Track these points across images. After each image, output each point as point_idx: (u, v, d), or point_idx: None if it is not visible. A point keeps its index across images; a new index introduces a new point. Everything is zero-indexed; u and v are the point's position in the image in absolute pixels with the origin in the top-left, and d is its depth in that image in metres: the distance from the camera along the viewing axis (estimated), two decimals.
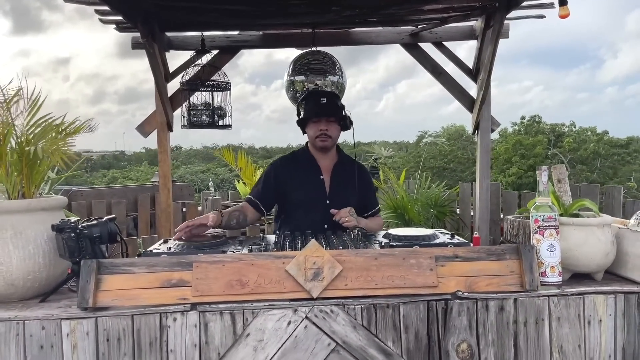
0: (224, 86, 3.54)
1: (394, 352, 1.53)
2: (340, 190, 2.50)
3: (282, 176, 2.51)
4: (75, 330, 1.46)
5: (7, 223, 1.58)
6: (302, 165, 2.54)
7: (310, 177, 2.51)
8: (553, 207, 1.64)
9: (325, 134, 2.45)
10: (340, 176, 2.54)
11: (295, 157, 2.62)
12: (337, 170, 2.55)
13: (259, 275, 1.54)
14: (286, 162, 2.60)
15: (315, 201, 2.45)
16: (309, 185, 2.50)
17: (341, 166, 2.57)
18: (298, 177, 2.51)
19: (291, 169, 2.55)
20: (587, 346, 1.58)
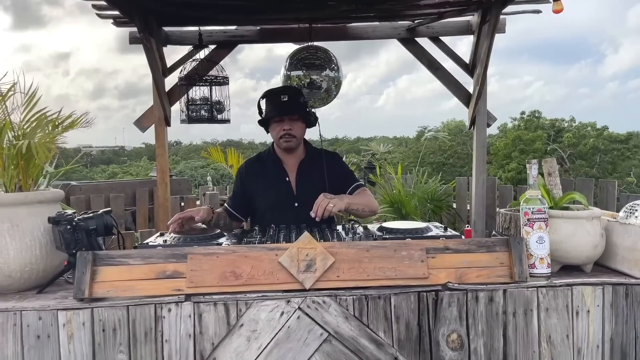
0: (222, 81, 3.56)
1: (385, 342, 1.56)
2: (309, 189, 2.37)
3: (247, 181, 2.46)
4: (72, 320, 1.49)
5: (4, 216, 1.60)
6: (268, 168, 2.46)
7: (276, 181, 2.43)
8: (543, 200, 1.67)
9: (289, 133, 2.35)
10: (308, 174, 2.44)
11: (260, 159, 2.54)
12: (304, 169, 2.45)
13: (252, 267, 1.56)
14: (251, 167, 2.53)
15: (284, 204, 2.37)
16: (275, 189, 2.42)
17: (308, 163, 2.47)
18: (264, 181, 2.44)
19: (257, 172, 2.47)
20: (575, 336, 1.61)
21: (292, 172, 2.45)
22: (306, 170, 2.45)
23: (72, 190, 4.85)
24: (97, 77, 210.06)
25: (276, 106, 2.37)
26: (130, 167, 28.45)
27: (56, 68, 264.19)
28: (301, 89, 2.55)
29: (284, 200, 2.39)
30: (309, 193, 2.32)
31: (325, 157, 2.45)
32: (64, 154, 1.92)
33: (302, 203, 2.35)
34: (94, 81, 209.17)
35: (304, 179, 2.44)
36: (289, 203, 2.39)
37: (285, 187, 2.43)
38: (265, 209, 2.41)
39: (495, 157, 22.74)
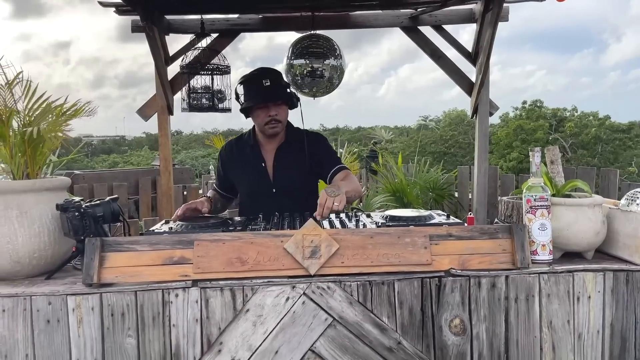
0: (224, 70, 3.56)
1: (388, 327, 1.58)
2: (286, 174, 2.34)
3: (227, 165, 2.43)
4: (81, 305, 1.51)
5: (12, 202, 1.62)
6: (245, 153, 2.39)
7: (253, 167, 2.37)
8: (545, 188, 1.68)
9: (275, 119, 2.27)
10: (285, 158, 2.36)
11: (240, 143, 2.46)
12: (281, 154, 2.37)
13: (258, 253, 1.58)
14: (230, 150, 2.46)
15: (261, 191, 2.32)
16: (252, 175, 2.36)
17: (286, 147, 2.38)
18: (241, 167, 2.39)
19: (235, 157, 2.42)
20: (576, 322, 1.63)
21: (269, 158, 2.37)
22: (284, 154, 2.37)
23: (75, 179, 4.87)
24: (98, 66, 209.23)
25: (259, 92, 2.25)
26: (131, 157, 28.46)
27: (56, 57, 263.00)
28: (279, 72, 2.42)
29: (261, 186, 2.33)
30: (287, 179, 2.32)
31: (307, 139, 2.35)
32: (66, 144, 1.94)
33: (279, 189, 2.31)
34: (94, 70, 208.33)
35: (282, 164, 2.36)
36: (266, 190, 2.32)
37: (261, 173, 2.35)
38: (244, 195, 2.39)
39: (497, 146, 22.71)
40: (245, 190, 2.38)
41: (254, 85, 2.28)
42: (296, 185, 2.31)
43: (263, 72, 2.33)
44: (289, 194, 2.26)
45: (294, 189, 2.30)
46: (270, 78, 2.25)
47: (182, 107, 3.57)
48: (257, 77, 2.28)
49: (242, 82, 2.32)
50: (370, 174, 6.95)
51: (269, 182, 2.35)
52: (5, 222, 1.60)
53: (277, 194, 2.30)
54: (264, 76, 2.26)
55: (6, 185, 1.63)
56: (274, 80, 2.26)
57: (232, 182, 2.43)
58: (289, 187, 2.29)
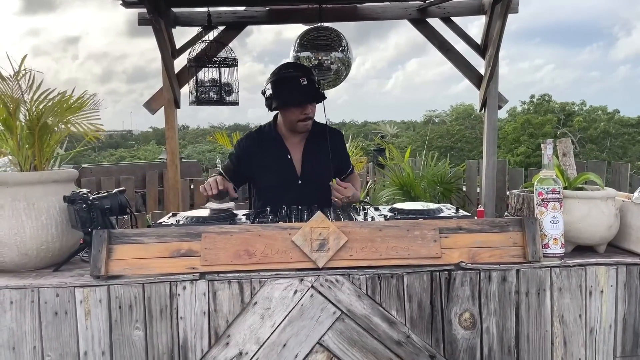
0: (231, 63, 3.54)
1: (397, 321, 1.57)
2: (312, 166, 2.38)
3: (246, 158, 2.41)
4: (88, 297, 1.51)
5: (20, 194, 1.61)
6: (268, 147, 2.40)
7: (278, 158, 2.38)
8: (557, 180, 1.66)
9: (309, 116, 2.31)
10: (312, 152, 2.41)
11: (261, 135, 2.47)
12: (309, 147, 2.41)
13: (265, 245, 1.57)
14: (251, 141, 2.46)
15: (287, 183, 2.34)
16: (277, 167, 2.37)
17: (312, 140, 2.42)
18: (264, 158, 2.38)
19: (257, 148, 2.41)
20: (587, 316, 1.61)
21: (295, 151, 2.41)
22: (311, 148, 2.41)
23: (82, 172, 4.89)
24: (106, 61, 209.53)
25: (298, 91, 2.25)
26: (138, 151, 28.55)
27: (65, 52, 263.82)
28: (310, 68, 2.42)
29: (287, 178, 2.36)
30: (313, 171, 2.37)
31: (330, 134, 2.41)
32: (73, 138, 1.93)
33: (305, 180, 2.35)
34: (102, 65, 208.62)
35: (309, 157, 2.40)
36: (292, 181, 2.35)
37: (287, 165, 2.39)
38: (267, 188, 2.39)
39: (504, 141, 22.58)
40: (269, 181, 2.37)
41: (291, 83, 2.27)
42: (321, 178, 2.34)
43: (296, 68, 2.35)
44: (313, 186, 2.29)
45: (319, 181, 2.33)
46: (307, 77, 2.26)
47: (190, 100, 3.55)
48: (293, 75, 2.28)
49: (276, 79, 2.32)
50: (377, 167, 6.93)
51: (295, 174, 2.38)
52: (13, 214, 1.60)
53: (303, 186, 2.33)
54: (301, 74, 2.27)
55: (14, 177, 1.63)
56: (310, 79, 2.27)
57: (248, 174, 2.42)
58: (314, 179, 2.33)
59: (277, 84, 2.32)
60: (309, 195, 2.19)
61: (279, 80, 2.32)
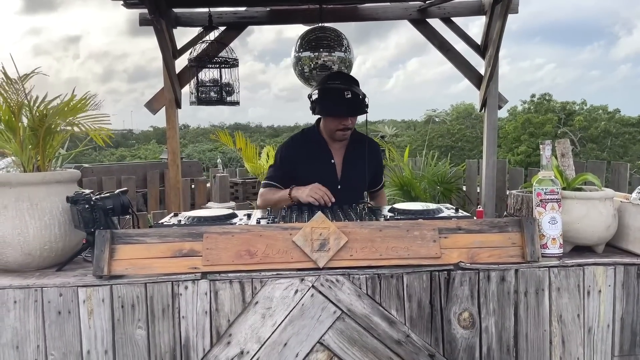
0: (232, 63, 3.55)
1: (397, 320, 1.58)
2: (352, 173, 2.46)
3: (291, 159, 2.46)
4: (91, 297, 1.53)
5: (23, 195, 1.63)
6: (313, 149, 2.47)
7: (321, 162, 2.45)
8: (555, 181, 1.67)
9: (348, 127, 2.38)
10: (352, 158, 2.49)
11: (306, 138, 2.54)
12: (350, 153, 2.50)
13: (267, 245, 1.59)
14: (296, 144, 2.53)
15: (327, 186, 2.32)
16: (320, 170, 2.43)
17: (353, 147, 2.51)
18: (309, 161, 2.44)
19: (301, 152, 2.48)
20: (586, 316, 1.63)
21: (337, 156, 2.48)
22: (351, 154, 2.49)
23: (84, 172, 4.90)
24: (107, 61, 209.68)
25: (340, 103, 2.31)
26: (139, 150, 28.58)
27: (66, 51, 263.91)
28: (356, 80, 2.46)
29: (328, 182, 2.38)
30: (353, 177, 2.45)
31: (370, 145, 2.52)
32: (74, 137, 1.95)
33: (345, 186, 2.42)
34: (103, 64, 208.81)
35: (350, 163, 2.47)
36: (332, 185, 2.39)
37: (329, 169, 2.46)
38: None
39: (504, 140, 22.58)
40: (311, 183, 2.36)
41: (334, 93, 2.33)
42: (359, 185, 2.44)
43: (344, 81, 2.38)
44: (351, 192, 2.35)
45: (356, 187, 2.42)
46: (352, 90, 2.31)
47: (191, 100, 3.57)
48: (339, 87, 2.32)
49: (322, 88, 2.38)
50: None
51: (336, 178, 2.45)
52: (16, 214, 1.62)
53: (341, 190, 2.37)
54: (346, 87, 2.31)
55: (17, 178, 1.64)
56: (354, 92, 2.31)
57: (292, 175, 2.45)
58: (353, 185, 2.40)
59: (323, 92, 2.38)
60: (345, 201, 2.23)
61: (325, 89, 2.38)
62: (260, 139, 30.42)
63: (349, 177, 2.46)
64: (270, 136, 36.17)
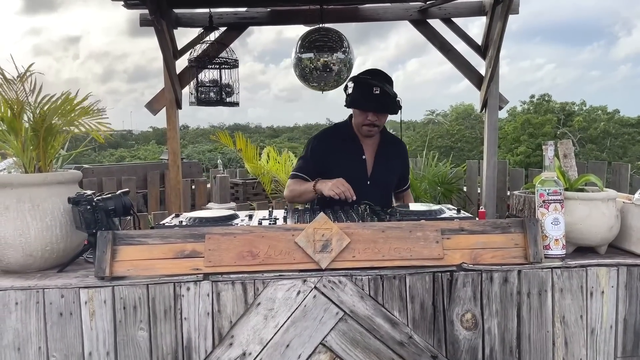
0: (232, 63, 3.55)
1: (400, 321, 1.58)
2: (382, 170, 2.48)
3: (321, 152, 2.47)
4: (93, 298, 1.52)
5: (25, 196, 1.62)
6: (345, 143, 2.48)
7: (353, 156, 2.46)
8: (558, 182, 1.67)
9: (374, 124, 2.38)
10: (383, 156, 2.50)
11: (338, 132, 2.55)
12: (381, 151, 2.51)
13: (269, 246, 1.58)
14: (328, 137, 2.54)
15: (356, 181, 2.35)
16: (350, 165, 2.44)
17: (384, 146, 2.52)
18: (340, 154, 2.45)
19: (332, 145, 2.48)
20: (589, 317, 1.62)
21: (369, 152, 2.49)
22: (382, 152, 2.51)
23: (84, 172, 4.89)
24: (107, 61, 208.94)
25: (367, 98, 2.34)
26: (139, 151, 28.56)
27: (66, 51, 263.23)
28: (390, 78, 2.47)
29: (357, 177, 2.40)
30: (382, 175, 2.48)
31: (398, 145, 2.57)
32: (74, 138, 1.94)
33: (374, 182, 2.44)
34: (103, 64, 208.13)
35: (380, 161, 2.49)
36: (362, 181, 2.42)
37: (360, 164, 2.47)
38: None
39: (504, 140, 22.59)
40: (341, 177, 2.37)
41: (364, 88, 2.36)
42: (388, 182, 2.47)
43: (376, 77, 2.41)
44: (380, 189, 2.38)
45: (385, 185, 2.45)
46: (381, 87, 2.32)
47: (190, 101, 3.56)
48: (369, 82, 2.35)
49: (355, 80, 2.42)
50: None
51: (365, 174, 2.47)
52: (17, 216, 1.61)
53: (370, 187, 2.40)
54: (376, 83, 2.33)
55: (19, 179, 1.64)
56: (383, 90, 2.32)
57: (321, 169, 2.45)
58: (382, 183, 2.43)
59: (355, 85, 2.42)
60: (374, 198, 2.24)
61: (357, 82, 2.42)
62: (259, 140, 30.42)
63: (379, 175, 2.47)
64: (270, 136, 36.17)
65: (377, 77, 2.41)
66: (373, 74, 2.44)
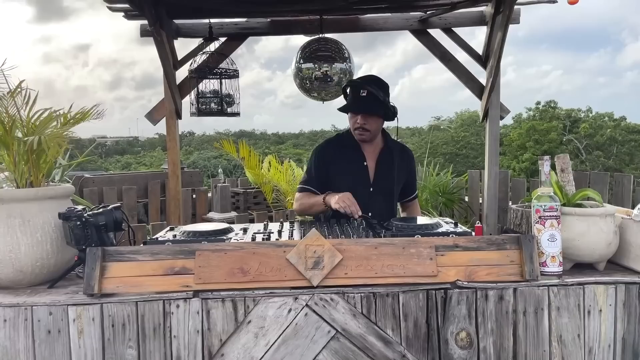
0: (232, 74, 3.55)
1: (393, 340, 1.55)
2: (385, 177, 2.47)
3: (326, 160, 2.48)
4: (82, 316, 1.50)
5: (15, 211, 1.61)
6: (347, 151, 2.49)
7: (354, 164, 2.47)
8: (554, 197, 1.64)
9: (363, 127, 2.38)
10: (386, 163, 2.49)
11: (340, 140, 2.56)
12: (383, 158, 2.50)
13: (260, 263, 1.56)
14: (330, 146, 2.55)
15: (359, 189, 2.36)
16: (352, 171, 2.45)
17: (387, 153, 2.51)
18: (342, 162, 2.47)
19: (335, 153, 2.50)
20: (586, 336, 1.59)
21: (370, 159, 2.49)
22: (385, 159, 2.50)
23: (85, 182, 4.90)
24: (116, 68, 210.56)
25: (355, 100, 2.38)
26: (144, 158, 28.69)
27: (76, 59, 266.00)
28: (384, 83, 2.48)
29: (361, 184, 2.42)
30: (385, 182, 2.47)
31: (403, 152, 2.56)
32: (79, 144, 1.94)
33: (377, 189, 2.43)
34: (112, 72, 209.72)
35: (382, 168, 2.48)
36: (365, 187, 2.43)
37: (362, 171, 2.47)
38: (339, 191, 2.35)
39: (509, 147, 22.51)
40: (344, 186, 2.38)
41: (354, 91, 2.40)
42: (391, 190, 2.46)
43: (366, 81, 2.44)
44: (382, 196, 2.37)
45: (388, 192, 2.44)
46: (369, 90, 2.34)
47: (191, 111, 3.56)
48: (358, 85, 2.39)
49: (348, 84, 2.49)
50: None
51: (368, 181, 2.46)
52: (8, 231, 1.60)
53: (373, 193, 2.41)
54: (365, 85, 2.36)
55: (9, 194, 1.63)
56: (371, 92, 2.34)
57: (325, 179, 2.47)
58: (385, 189, 2.43)
59: (346, 89, 2.49)
60: (377, 204, 2.28)
61: (349, 86, 2.48)
62: (265, 146, 30.47)
63: (381, 181, 2.47)
64: (275, 143, 36.24)
65: (365, 80, 2.43)
66: (365, 78, 2.46)
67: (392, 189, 2.49)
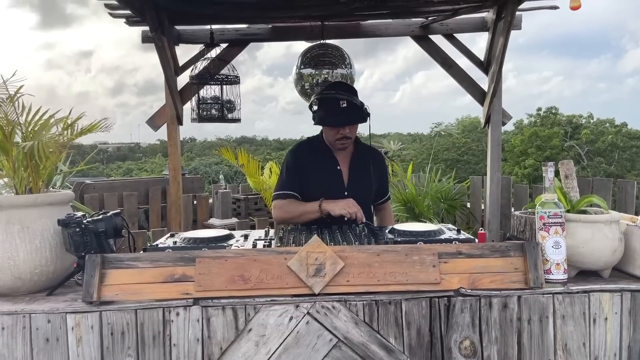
0: (233, 80, 3.54)
1: (395, 349, 1.53)
2: (359, 180, 2.46)
3: (300, 164, 2.46)
4: (80, 324, 1.48)
5: (14, 218, 1.60)
6: (319, 155, 2.47)
7: (328, 169, 2.45)
8: (559, 204, 1.62)
9: (347, 136, 2.35)
10: (359, 167, 2.49)
11: (312, 145, 2.53)
12: (355, 161, 2.49)
13: (261, 270, 1.54)
14: (304, 150, 2.53)
15: (334, 193, 2.36)
16: (326, 176, 2.44)
17: (359, 156, 2.50)
18: (316, 167, 2.45)
19: (308, 158, 2.47)
20: (592, 344, 1.57)
21: (343, 163, 2.47)
22: (357, 162, 2.49)
23: (86, 188, 4.88)
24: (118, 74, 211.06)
25: (336, 113, 2.31)
26: (146, 164, 28.71)
27: (78, 65, 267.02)
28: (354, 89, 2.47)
29: (335, 188, 2.41)
30: (359, 185, 2.45)
31: (374, 155, 2.55)
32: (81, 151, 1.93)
33: (351, 193, 2.41)
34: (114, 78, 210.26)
35: (355, 171, 2.47)
36: (339, 192, 2.40)
37: (336, 175, 2.45)
38: (315, 198, 2.37)
39: (511, 154, 22.49)
40: (318, 191, 2.38)
41: (330, 103, 2.33)
42: (365, 192, 2.45)
43: (338, 88, 2.39)
44: (358, 199, 2.33)
45: (363, 194, 2.41)
46: (347, 98, 2.30)
47: (192, 117, 3.56)
48: (335, 97, 2.32)
49: (319, 99, 2.39)
50: None
51: (342, 185, 2.45)
52: (6, 238, 1.59)
53: (348, 197, 2.36)
54: (342, 96, 2.31)
55: (8, 200, 1.61)
56: (350, 102, 2.31)
57: (302, 182, 2.44)
58: (360, 193, 2.40)
59: (320, 102, 2.39)
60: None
61: (321, 99, 2.38)
62: (266, 152, 30.48)
63: (356, 184, 2.45)
64: (276, 149, 36.25)
65: (341, 90, 2.38)
66: (337, 88, 2.41)
67: (367, 193, 2.47)
